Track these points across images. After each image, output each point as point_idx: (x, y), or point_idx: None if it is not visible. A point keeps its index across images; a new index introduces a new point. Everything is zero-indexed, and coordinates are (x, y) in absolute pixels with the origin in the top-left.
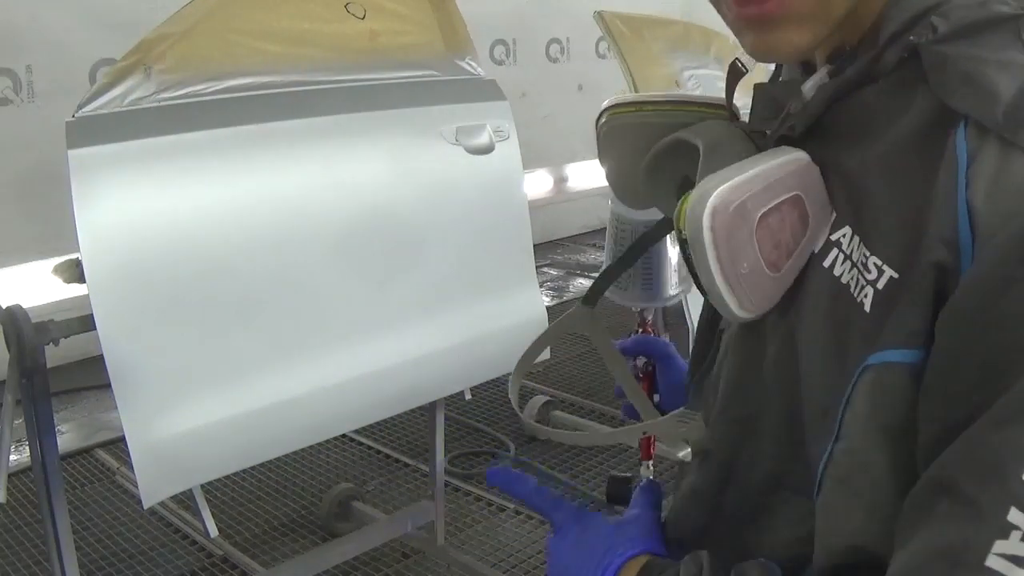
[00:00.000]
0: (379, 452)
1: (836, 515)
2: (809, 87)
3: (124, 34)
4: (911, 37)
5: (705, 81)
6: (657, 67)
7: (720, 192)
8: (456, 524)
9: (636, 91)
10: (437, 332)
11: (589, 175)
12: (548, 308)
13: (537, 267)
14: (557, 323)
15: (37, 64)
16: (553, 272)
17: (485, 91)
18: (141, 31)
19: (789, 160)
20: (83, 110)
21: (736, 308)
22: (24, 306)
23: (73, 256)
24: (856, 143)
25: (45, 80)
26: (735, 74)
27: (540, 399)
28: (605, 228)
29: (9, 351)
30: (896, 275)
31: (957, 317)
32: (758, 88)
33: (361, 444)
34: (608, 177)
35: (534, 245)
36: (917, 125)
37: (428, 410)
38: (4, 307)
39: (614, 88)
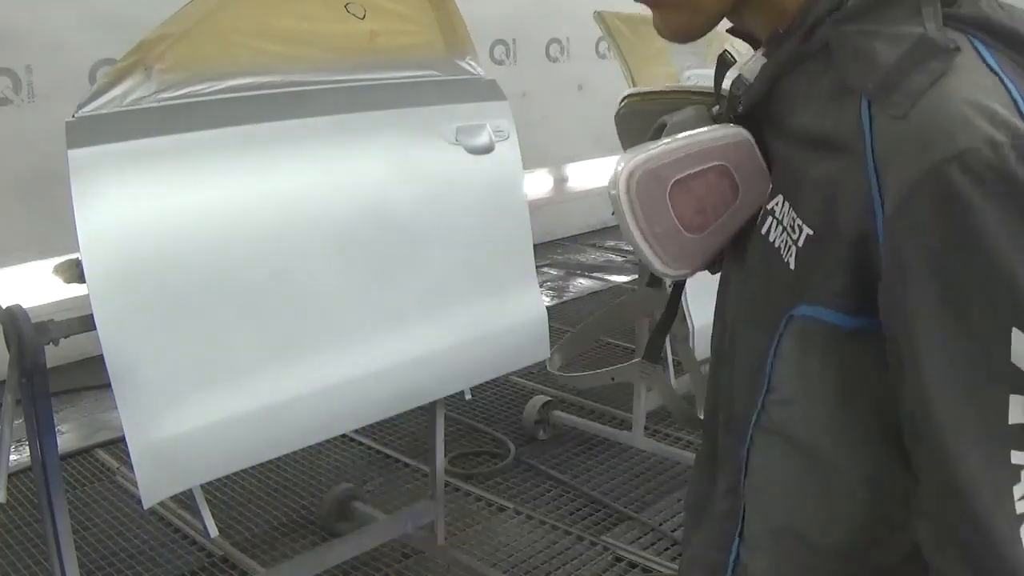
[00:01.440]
0: (379, 452)
1: (772, 470)
2: (746, 68)
3: (124, 34)
4: (828, 19)
5: (705, 80)
6: (657, 67)
7: (637, 160)
8: (456, 524)
9: (674, 84)
10: (437, 332)
11: (589, 175)
12: (548, 308)
13: (537, 267)
14: (619, 304)
15: (37, 64)
16: (553, 272)
17: (485, 91)
18: (141, 31)
19: (722, 135)
20: (83, 110)
21: (659, 264)
22: (24, 306)
23: (73, 256)
24: (788, 119)
25: (45, 80)
26: (723, 64)
27: (540, 399)
28: (605, 228)
29: (9, 351)
30: (811, 232)
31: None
32: (723, 90)
33: (361, 444)
34: None
35: (534, 245)
36: (826, 97)
37: (428, 410)
38: (4, 307)
39: (614, 88)
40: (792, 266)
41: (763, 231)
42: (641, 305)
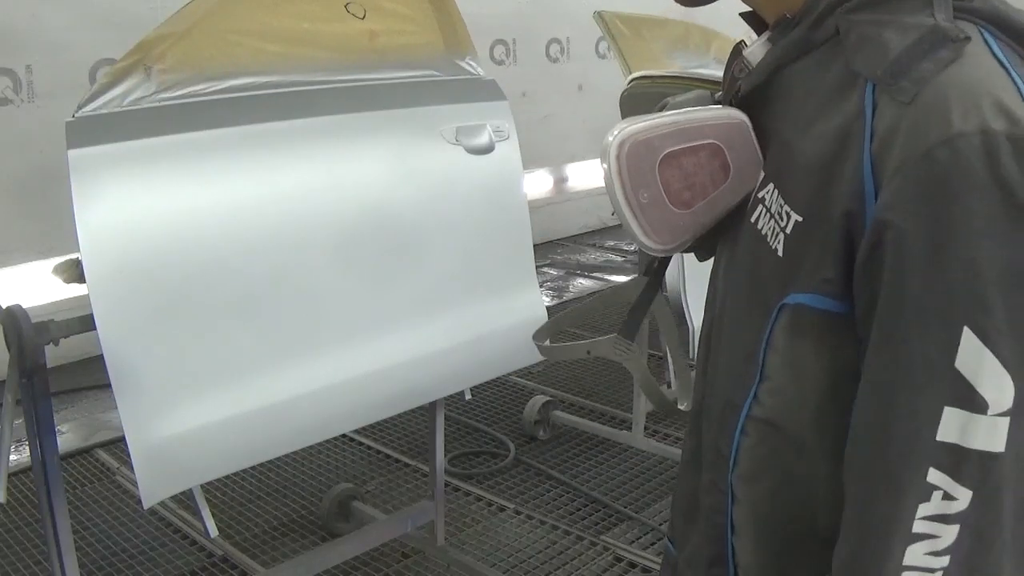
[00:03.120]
0: (379, 452)
1: (761, 459)
2: (749, 52)
3: (124, 34)
4: (839, 9)
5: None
6: (657, 67)
7: (630, 128)
8: (456, 524)
9: (680, 70)
10: (437, 332)
11: (589, 175)
12: (548, 308)
13: (537, 267)
14: (616, 288)
15: (37, 64)
16: (553, 272)
17: (485, 91)
18: (141, 31)
19: (719, 115)
20: (83, 110)
21: (641, 236)
22: (24, 306)
23: (73, 256)
24: (789, 109)
25: (45, 80)
26: (738, 53)
27: (540, 399)
28: (605, 228)
29: (9, 351)
30: (800, 219)
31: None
32: (724, 73)
33: (361, 444)
34: None
35: (534, 245)
36: (832, 85)
37: (428, 410)
38: (4, 307)
39: (614, 88)
40: (780, 253)
41: (752, 219)
42: (634, 290)
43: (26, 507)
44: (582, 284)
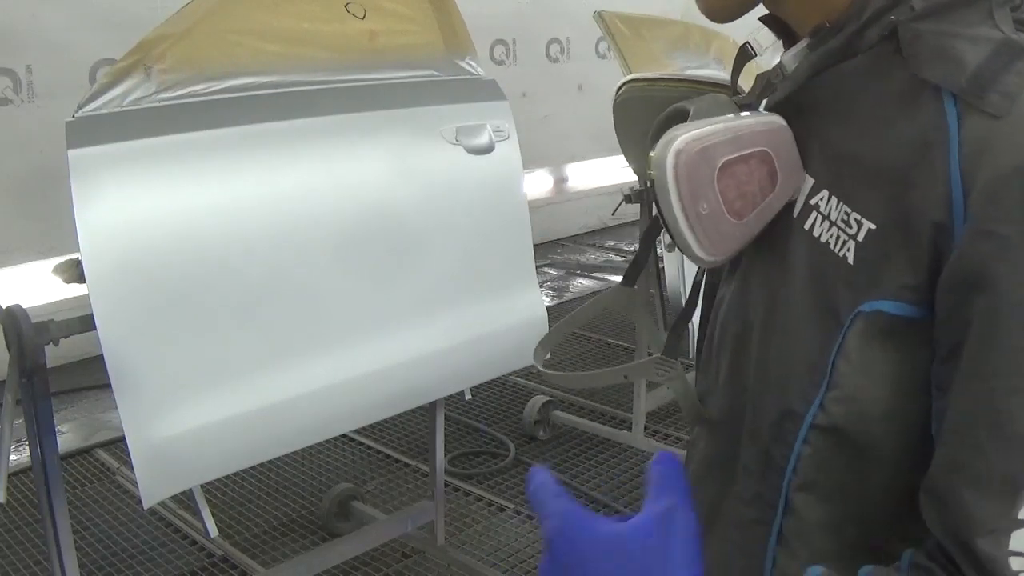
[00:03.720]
0: (379, 452)
1: (823, 468)
2: (789, 58)
3: (124, 34)
4: (891, 16)
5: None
6: (657, 67)
7: (685, 136)
8: (456, 524)
9: (676, 72)
10: (437, 332)
11: (589, 175)
12: (548, 308)
13: (537, 267)
14: (595, 300)
15: (37, 64)
16: (553, 272)
17: (485, 91)
18: (141, 31)
19: (762, 120)
20: (83, 110)
21: (697, 248)
22: (24, 306)
23: (73, 256)
24: (837, 114)
25: (45, 80)
26: (743, 56)
27: (540, 399)
28: (605, 228)
29: (9, 351)
30: (874, 226)
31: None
32: (758, 75)
33: (361, 444)
34: (620, 143)
35: (534, 245)
36: (895, 93)
37: (428, 410)
38: (4, 307)
39: (614, 88)
40: (851, 261)
41: (806, 227)
42: (614, 300)
43: (26, 507)
44: (582, 284)
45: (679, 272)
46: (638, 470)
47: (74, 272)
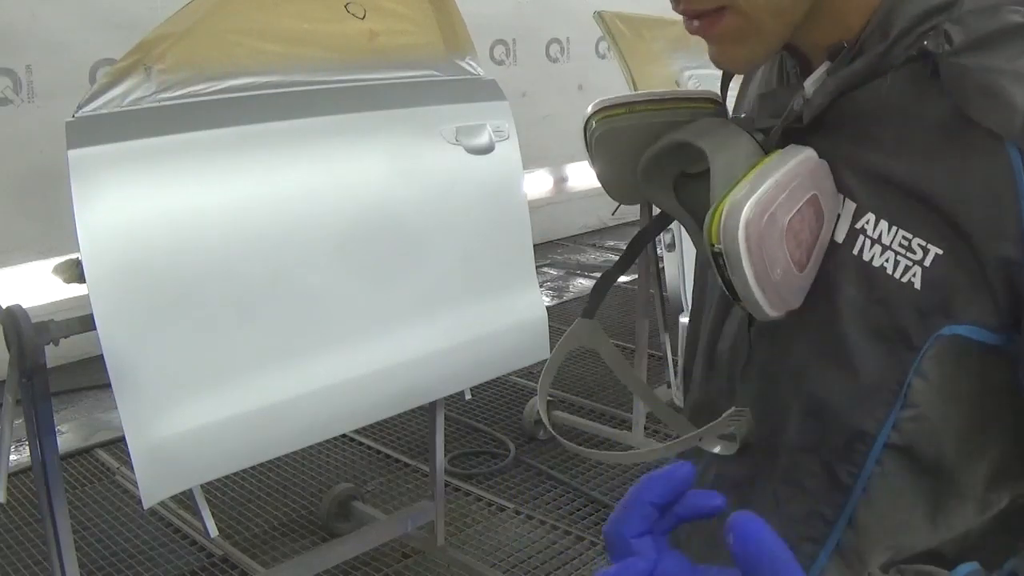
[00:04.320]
0: (379, 452)
1: (894, 488)
2: (810, 83)
3: (124, 34)
4: (925, 43)
5: (705, 81)
6: (657, 67)
7: (751, 204)
8: (456, 524)
9: (636, 91)
10: (437, 332)
11: (589, 175)
12: (548, 308)
13: (537, 267)
14: (561, 342)
15: (37, 64)
16: (553, 272)
17: (485, 91)
18: (141, 31)
19: (801, 161)
20: (83, 110)
21: (768, 309)
22: (24, 306)
23: (73, 256)
24: (866, 134)
25: (45, 80)
26: (729, 72)
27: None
28: (605, 228)
29: (9, 351)
30: (941, 252)
31: None
32: (761, 95)
33: (361, 444)
34: (601, 178)
35: (534, 245)
36: (938, 125)
37: (428, 410)
38: (4, 307)
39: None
40: (917, 286)
41: (854, 251)
42: (577, 339)
43: (26, 507)
44: (582, 284)
45: (679, 272)
46: (638, 470)
47: (74, 272)
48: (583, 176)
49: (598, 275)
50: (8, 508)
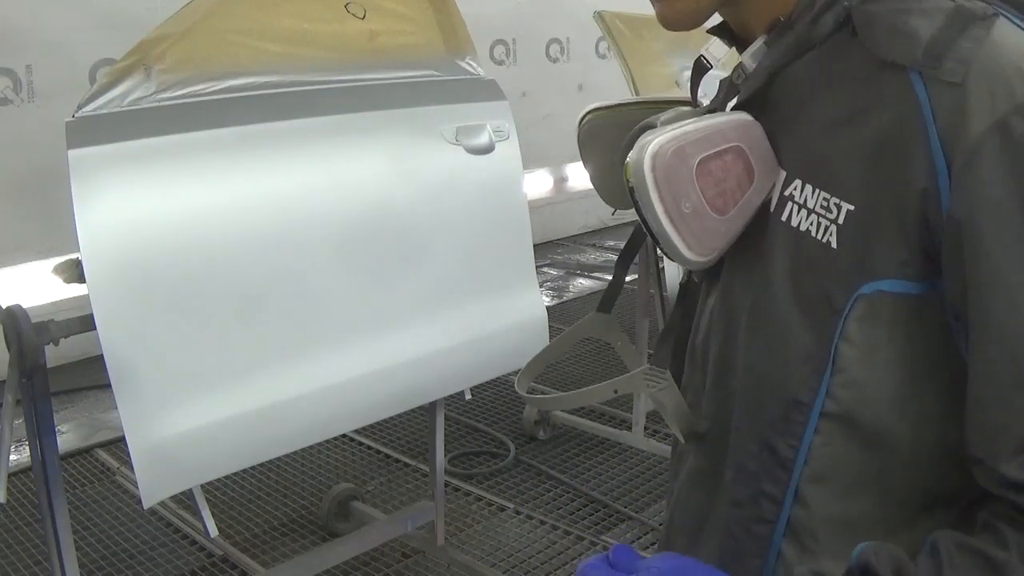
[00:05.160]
0: (379, 452)
1: (836, 457)
2: (748, 58)
3: (124, 34)
4: (844, 3)
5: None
6: (657, 67)
7: (659, 140)
8: (456, 524)
9: (636, 91)
10: (437, 332)
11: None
12: (548, 308)
13: (537, 267)
14: (573, 329)
15: (37, 64)
16: (553, 272)
17: (485, 91)
18: (141, 31)
19: (730, 118)
20: (83, 110)
21: (684, 248)
22: (24, 306)
23: (73, 256)
24: (802, 105)
25: (45, 80)
26: (700, 69)
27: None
28: (605, 228)
29: (9, 351)
30: (852, 207)
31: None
32: (720, 81)
33: (361, 444)
34: (592, 179)
35: (534, 245)
36: (856, 76)
37: (428, 410)
38: (4, 307)
39: (614, 88)
40: (834, 245)
41: (783, 218)
42: (592, 329)
43: (26, 507)
44: (582, 284)
45: (679, 272)
46: (638, 470)
47: (74, 272)
48: (583, 176)
49: (598, 275)
50: (8, 508)
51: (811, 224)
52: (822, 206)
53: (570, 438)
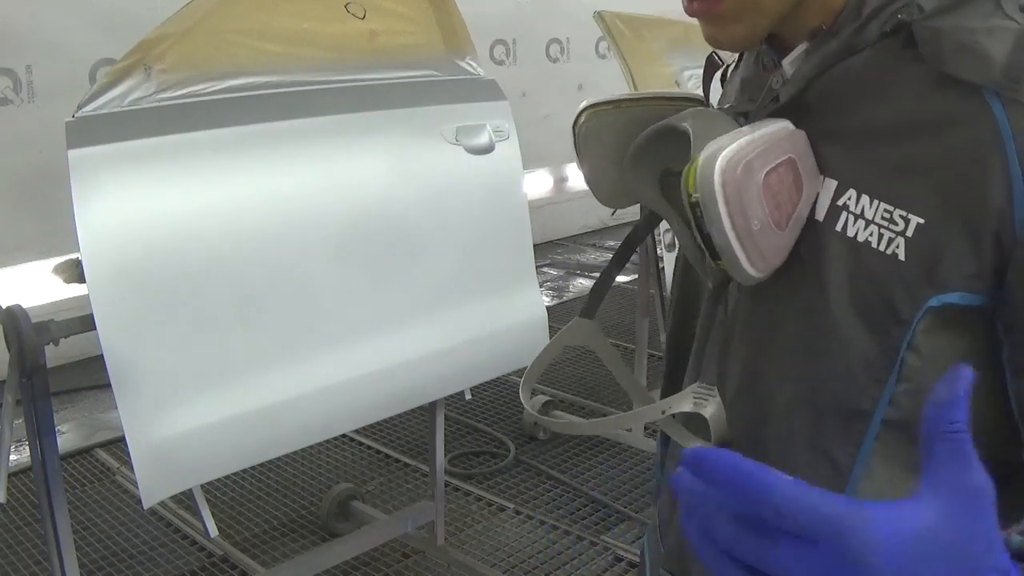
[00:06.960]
0: (379, 452)
1: (898, 464)
2: (788, 63)
3: (124, 34)
4: (899, 16)
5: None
6: (657, 67)
7: (728, 152)
8: (456, 524)
9: (636, 91)
10: (437, 332)
11: None
12: (548, 308)
13: (537, 267)
14: (557, 338)
15: (37, 64)
16: (553, 272)
17: (485, 91)
18: (141, 31)
19: (778, 127)
20: (83, 110)
21: (748, 266)
22: (24, 306)
23: (73, 256)
24: (847, 112)
25: (45, 80)
26: (711, 67)
27: (540, 399)
28: (605, 228)
29: (9, 351)
30: (922, 221)
31: None
32: (744, 79)
33: (361, 444)
34: (587, 177)
35: (534, 245)
36: (916, 91)
37: (428, 410)
38: (4, 307)
39: (614, 88)
40: (902, 257)
41: (837, 228)
42: (573, 337)
43: (26, 507)
44: (582, 284)
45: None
46: (638, 470)
47: (74, 272)
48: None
49: (598, 275)
50: (8, 508)
51: (870, 235)
52: (884, 217)
53: (570, 438)
